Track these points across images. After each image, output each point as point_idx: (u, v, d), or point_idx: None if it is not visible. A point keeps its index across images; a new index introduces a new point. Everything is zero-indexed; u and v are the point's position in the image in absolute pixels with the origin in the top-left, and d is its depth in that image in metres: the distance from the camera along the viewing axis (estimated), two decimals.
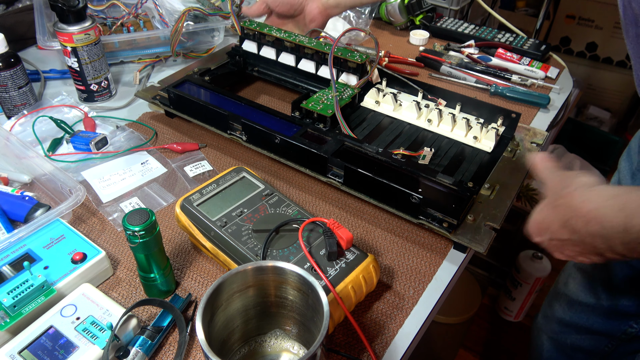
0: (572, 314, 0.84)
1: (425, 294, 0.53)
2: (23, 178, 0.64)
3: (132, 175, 0.67)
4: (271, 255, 0.48)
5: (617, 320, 0.78)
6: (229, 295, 0.41)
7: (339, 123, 0.67)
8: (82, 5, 0.73)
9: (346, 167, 0.59)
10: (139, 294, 0.52)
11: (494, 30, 1.01)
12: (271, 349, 0.46)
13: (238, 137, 0.68)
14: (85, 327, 0.45)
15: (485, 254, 0.53)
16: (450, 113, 0.70)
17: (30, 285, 0.46)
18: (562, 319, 0.86)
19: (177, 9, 0.90)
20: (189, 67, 0.85)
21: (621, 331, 0.78)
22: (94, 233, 0.59)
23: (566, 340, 0.86)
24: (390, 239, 0.59)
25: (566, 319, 0.85)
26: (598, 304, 0.79)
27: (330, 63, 0.73)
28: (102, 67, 0.80)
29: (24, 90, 0.76)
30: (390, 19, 1.07)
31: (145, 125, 0.76)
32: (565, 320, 0.85)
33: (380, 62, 0.92)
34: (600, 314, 0.79)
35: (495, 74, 0.89)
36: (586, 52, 2.08)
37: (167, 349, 0.47)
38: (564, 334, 0.87)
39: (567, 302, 0.85)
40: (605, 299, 0.78)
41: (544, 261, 1.40)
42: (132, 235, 0.44)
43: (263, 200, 0.54)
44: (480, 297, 1.31)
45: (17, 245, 0.52)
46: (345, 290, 0.46)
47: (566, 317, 0.85)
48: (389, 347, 0.48)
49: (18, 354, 0.42)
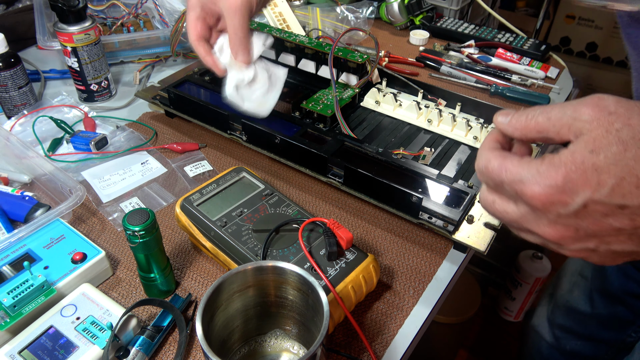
0: (572, 321, 0.84)
1: (425, 294, 0.53)
2: (23, 178, 0.64)
3: (132, 175, 0.67)
4: (271, 255, 0.48)
5: (615, 329, 0.78)
6: (229, 295, 0.41)
7: (339, 123, 0.67)
8: (82, 5, 0.73)
9: (346, 167, 0.59)
10: (139, 294, 0.52)
11: (494, 30, 1.01)
12: (271, 349, 0.46)
13: (238, 137, 0.68)
14: (85, 327, 0.45)
15: (485, 254, 0.53)
16: (450, 113, 0.70)
17: (30, 285, 0.46)
18: (563, 325, 0.86)
19: (177, 9, 0.90)
20: (189, 67, 0.85)
21: (620, 340, 0.78)
22: (94, 233, 0.59)
23: (566, 346, 0.86)
24: (390, 239, 0.59)
25: (566, 326, 0.85)
26: (595, 312, 0.78)
27: (330, 63, 0.73)
28: (102, 67, 0.80)
29: (24, 90, 0.76)
30: (390, 19, 1.07)
31: (145, 125, 0.76)
32: (566, 326, 0.85)
33: (380, 62, 0.92)
34: (598, 322, 0.79)
35: (495, 74, 0.89)
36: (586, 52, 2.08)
37: (167, 348, 0.47)
38: (564, 340, 0.86)
39: (567, 309, 0.84)
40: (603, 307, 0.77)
41: (544, 261, 1.41)
42: (132, 235, 0.44)
43: (263, 200, 0.54)
44: (480, 297, 1.32)
45: (17, 245, 0.52)
46: (345, 290, 0.46)
47: (566, 324, 0.85)
48: (389, 347, 0.48)
49: (18, 354, 0.42)
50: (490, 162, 0.32)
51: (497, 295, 1.57)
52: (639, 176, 0.27)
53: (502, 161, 0.32)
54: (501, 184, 0.32)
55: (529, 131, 0.32)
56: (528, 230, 0.33)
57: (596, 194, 0.28)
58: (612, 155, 0.27)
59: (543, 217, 0.31)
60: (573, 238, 0.30)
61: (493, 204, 0.34)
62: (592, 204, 0.28)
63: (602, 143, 0.28)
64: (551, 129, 0.30)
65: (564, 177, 0.28)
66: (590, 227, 0.29)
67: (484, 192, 0.35)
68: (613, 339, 0.78)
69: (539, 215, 0.31)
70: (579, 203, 0.28)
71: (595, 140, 0.28)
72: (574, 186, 0.28)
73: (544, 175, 0.29)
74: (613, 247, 0.30)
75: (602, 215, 0.29)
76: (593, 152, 0.28)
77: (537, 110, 0.31)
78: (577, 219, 0.29)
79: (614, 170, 0.27)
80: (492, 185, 0.33)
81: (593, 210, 0.28)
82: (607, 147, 0.28)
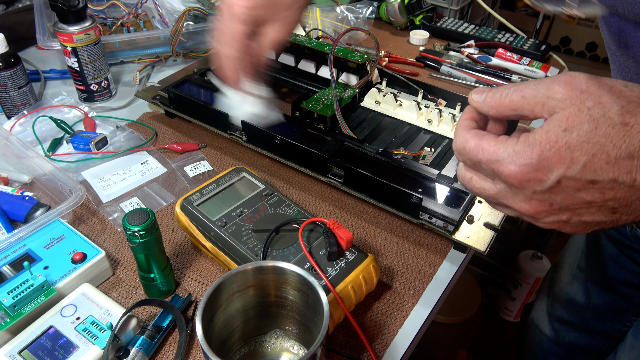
0: (569, 313, 0.84)
1: (425, 294, 0.53)
2: (23, 178, 0.64)
3: (132, 175, 0.67)
4: (271, 255, 0.48)
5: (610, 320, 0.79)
6: (229, 295, 0.41)
7: (339, 123, 0.67)
8: (82, 5, 0.73)
9: (346, 167, 0.59)
10: (139, 294, 0.52)
11: (494, 30, 1.01)
12: (271, 349, 0.46)
13: (238, 137, 0.68)
14: (85, 327, 0.45)
15: (486, 254, 0.53)
16: (450, 113, 0.70)
17: (30, 285, 0.46)
18: (561, 317, 0.86)
19: (177, 9, 0.90)
20: (189, 67, 0.85)
21: (616, 330, 0.79)
22: (94, 233, 0.59)
23: (565, 338, 0.87)
24: (390, 239, 0.59)
25: (564, 318, 0.86)
26: (591, 303, 0.79)
27: (330, 63, 0.73)
28: (102, 67, 0.80)
29: (24, 90, 0.76)
30: (390, 19, 1.07)
31: (145, 125, 0.76)
32: (564, 318, 0.86)
33: (380, 62, 0.92)
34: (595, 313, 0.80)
35: (495, 74, 0.89)
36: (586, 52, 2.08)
37: (167, 349, 0.47)
38: (562, 332, 0.87)
39: (565, 302, 0.85)
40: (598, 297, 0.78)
41: (544, 261, 1.41)
42: (132, 235, 0.44)
43: (263, 200, 0.54)
44: (480, 297, 1.32)
45: (17, 245, 0.52)
46: (345, 290, 0.46)
47: (564, 316, 0.86)
48: (389, 347, 0.48)
49: (18, 354, 0.42)
50: (468, 142, 0.33)
51: (497, 295, 1.57)
52: (609, 153, 0.28)
53: (478, 141, 0.33)
54: (478, 163, 0.33)
55: (503, 109, 0.33)
56: (504, 205, 0.34)
57: (569, 170, 0.29)
58: (584, 134, 0.29)
59: (519, 194, 0.32)
60: (548, 212, 0.32)
61: (470, 180, 0.35)
62: (565, 180, 0.30)
63: (575, 122, 0.29)
64: (525, 107, 0.32)
65: (538, 155, 0.30)
66: (564, 201, 0.31)
67: (462, 169, 0.36)
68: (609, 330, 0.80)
69: (515, 192, 0.32)
70: (553, 180, 0.30)
71: (568, 119, 0.29)
72: (548, 164, 0.30)
73: (520, 155, 0.30)
74: (584, 218, 0.32)
75: (574, 190, 0.30)
76: (566, 131, 0.29)
77: (512, 88, 0.32)
78: (551, 194, 0.31)
79: (586, 148, 0.29)
80: (470, 164, 0.35)
81: (566, 185, 0.30)
82: (579, 126, 0.29)
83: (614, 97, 0.29)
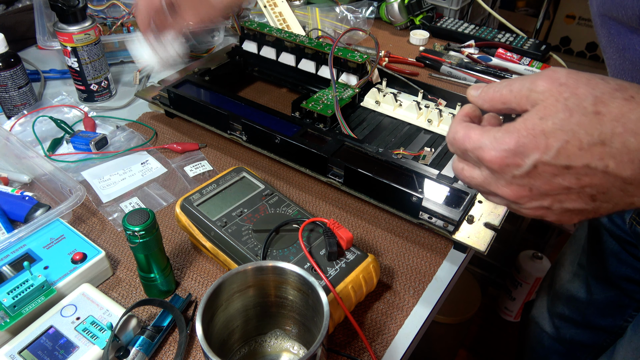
0: (570, 309, 0.85)
1: (425, 294, 0.53)
2: (23, 178, 0.64)
3: (132, 175, 0.67)
4: (271, 255, 0.48)
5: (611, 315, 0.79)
6: (229, 295, 0.41)
7: (339, 123, 0.67)
8: (82, 5, 0.73)
9: (346, 167, 0.59)
10: (139, 294, 0.52)
11: (494, 30, 1.01)
12: (271, 349, 0.46)
13: (238, 137, 0.68)
14: (85, 327, 0.45)
15: (486, 254, 0.53)
16: (451, 113, 0.70)
17: (30, 285, 0.46)
18: (562, 314, 0.87)
19: None
20: (189, 67, 0.85)
21: (617, 326, 0.79)
22: (94, 233, 0.59)
23: (566, 335, 0.87)
24: (390, 239, 0.59)
25: (565, 314, 0.86)
26: (592, 298, 0.80)
27: (330, 63, 0.73)
28: (102, 67, 0.80)
29: (24, 90, 0.76)
30: (390, 19, 1.07)
31: (145, 125, 0.76)
32: (565, 315, 0.86)
33: (380, 62, 0.92)
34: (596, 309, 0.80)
35: (496, 74, 0.89)
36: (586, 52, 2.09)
37: (167, 349, 0.47)
38: (563, 329, 0.87)
39: (566, 298, 0.85)
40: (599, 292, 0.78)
41: (544, 261, 1.41)
42: (132, 235, 0.44)
43: (263, 200, 0.54)
44: (480, 297, 1.32)
45: (17, 245, 0.52)
46: (345, 290, 0.46)
47: (565, 312, 0.86)
48: (389, 347, 0.48)
49: (18, 354, 0.42)
50: (457, 133, 0.36)
51: (497, 295, 1.57)
52: (581, 139, 0.30)
53: (466, 131, 0.35)
54: (466, 152, 0.35)
55: (495, 102, 0.35)
56: (491, 192, 0.36)
57: (544, 156, 0.31)
58: (559, 121, 0.31)
59: (501, 179, 0.34)
60: (529, 197, 0.34)
61: (462, 170, 0.37)
62: (541, 165, 0.31)
63: (551, 111, 0.31)
64: (513, 100, 0.34)
65: (516, 141, 0.32)
66: (542, 186, 0.33)
67: (455, 161, 0.38)
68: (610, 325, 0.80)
69: (497, 177, 0.34)
70: (529, 164, 0.32)
71: (546, 109, 0.31)
72: (525, 150, 0.32)
73: (500, 141, 0.33)
74: (565, 205, 0.33)
75: (551, 175, 0.32)
76: (542, 119, 0.31)
77: (503, 84, 0.35)
78: (529, 179, 0.33)
79: (560, 135, 0.31)
80: (460, 153, 0.37)
81: (543, 170, 0.32)
82: (555, 114, 0.31)
83: (589, 89, 0.31)
